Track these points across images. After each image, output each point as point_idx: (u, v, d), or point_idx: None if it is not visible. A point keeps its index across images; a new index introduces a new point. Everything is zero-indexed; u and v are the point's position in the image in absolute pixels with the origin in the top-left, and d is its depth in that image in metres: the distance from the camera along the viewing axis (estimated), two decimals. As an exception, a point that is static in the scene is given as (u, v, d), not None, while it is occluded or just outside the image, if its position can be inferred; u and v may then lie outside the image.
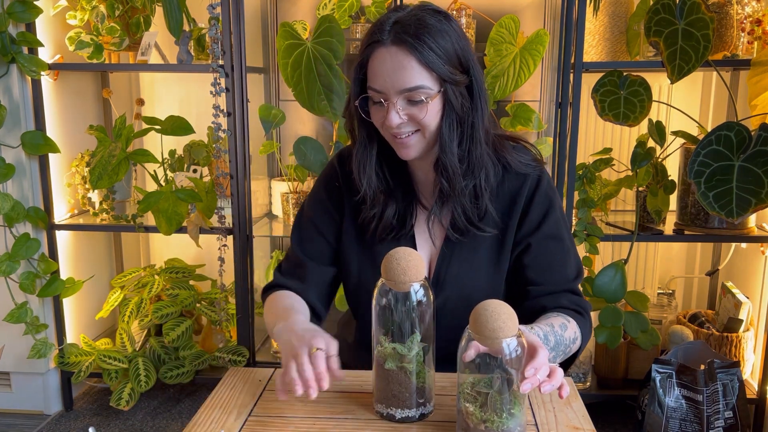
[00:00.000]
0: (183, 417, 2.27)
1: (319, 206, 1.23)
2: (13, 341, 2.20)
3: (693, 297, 2.61)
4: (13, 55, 2.01)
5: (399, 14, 1.04)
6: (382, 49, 1.02)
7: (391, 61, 1.01)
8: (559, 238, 1.15)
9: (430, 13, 1.04)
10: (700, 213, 2.04)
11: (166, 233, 2.09)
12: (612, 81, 1.92)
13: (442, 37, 1.02)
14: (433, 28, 1.02)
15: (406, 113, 1.04)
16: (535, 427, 0.95)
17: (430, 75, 1.02)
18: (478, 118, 1.07)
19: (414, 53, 1.00)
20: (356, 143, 1.13)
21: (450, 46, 1.03)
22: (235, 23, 2.03)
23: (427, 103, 1.03)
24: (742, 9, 1.99)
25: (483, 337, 0.82)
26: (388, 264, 0.92)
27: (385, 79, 1.02)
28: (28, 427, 2.21)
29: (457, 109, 1.05)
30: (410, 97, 1.03)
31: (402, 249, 0.93)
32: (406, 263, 0.91)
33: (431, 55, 1.01)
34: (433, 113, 1.04)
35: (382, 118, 1.05)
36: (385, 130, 1.08)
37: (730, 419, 1.90)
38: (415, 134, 1.06)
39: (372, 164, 1.13)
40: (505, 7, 2.45)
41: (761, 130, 1.66)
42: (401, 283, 0.91)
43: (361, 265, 1.19)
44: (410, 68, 1.01)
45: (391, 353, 0.92)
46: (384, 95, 1.04)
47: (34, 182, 2.14)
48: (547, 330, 1.02)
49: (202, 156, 2.28)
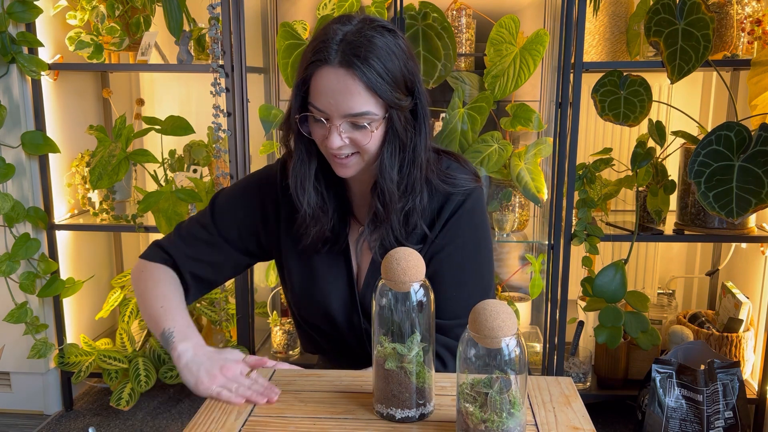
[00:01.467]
0: (183, 417, 2.27)
1: (246, 208, 1.20)
2: (13, 341, 2.20)
3: (693, 297, 2.62)
4: (13, 55, 2.01)
5: (346, 29, 0.98)
6: (329, 69, 0.97)
7: (337, 83, 0.97)
8: (461, 267, 1.12)
9: (378, 31, 0.99)
10: (700, 213, 2.04)
11: (166, 233, 2.09)
12: (612, 81, 1.92)
13: (390, 60, 0.98)
14: (381, 50, 0.97)
15: (348, 136, 1.01)
16: (535, 427, 0.95)
17: (376, 101, 0.99)
18: (420, 141, 1.05)
19: (362, 78, 0.96)
20: (294, 158, 1.09)
21: (397, 70, 0.99)
22: (235, 23, 2.03)
23: (370, 129, 1.00)
24: (742, 9, 1.99)
25: (482, 337, 0.82)
26: (388, 264, 0.92)
27: (330, 101, 0.98)
28: (28, 427, 2.21)
29: (400, 134, 1.03)
30: (354, 122, 1.00)
31: (402, 249, 0.93)
32: (406, 263, 0.91)
33: (379, 80, 0.97)
34: (375, 139, 1.02)
35: (323, 137, 1.02)
36: (324, 149, 1.05)
37: (730, 419, 1.90)
38: (354, 155, 1.04)
39: (311, 181, 1.09)
40: (505, 7, 2.45)
41: (761, 130, 1.66)
42: (401, 283, 0.91)
43: (301, 276, 1.18)
44: (357, 93, 0.97)
45: (391, 353, 0.93)
46: (327, 115, 1.00)
47: (34, 182, 2.14)
48: None
49: (202, 156, 2.28)
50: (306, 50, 1.02)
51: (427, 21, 2.07)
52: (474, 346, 0.85)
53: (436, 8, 2.09)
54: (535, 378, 1.10)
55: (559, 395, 1.05)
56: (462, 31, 2.27)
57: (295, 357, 2.40)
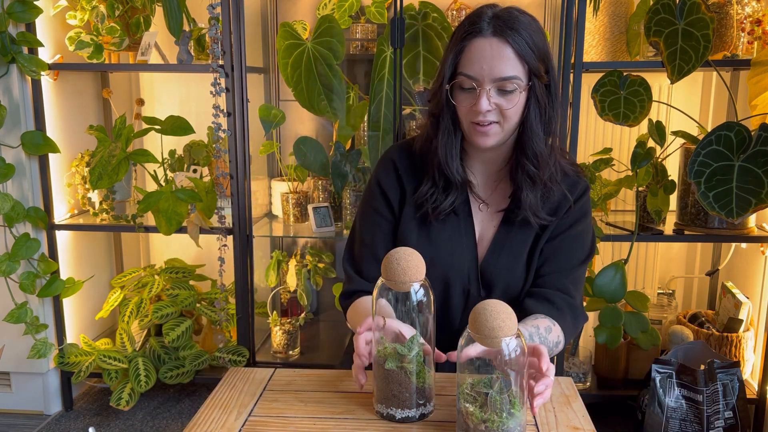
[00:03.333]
0: (183, 417, 2.27)
1: (376, 211, 1.27)
2: (13, 341, 2.20)
3: (693, 297, 2.61)
4: (13, 55, 2.01)
5: (495, 9, 1.11)
6: (482, 39, 1.09)
7: (490, 50, 1.08)
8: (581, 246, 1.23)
9: (522, 13, 1.12)
10: (700, 213, 2.04)
11: (166, 233, 2.09)
12: (612, 81, 1.92)
13: (535, 34, 1.10)
14: (528, 25, 1.10)
15: (495, 102, 1.10)
16: (535, 427, 0.95)
17: (523, 67, 1.09)
18: (554, 115, 1.15)
19: (513, 45, 1.08)
20: (440, 129, 1.18)
21: (540, 43, 1.11)
22: (235, 23, 2.03)
23: (518, 93, 1.09)
24: (742, 9, 1.99)
25: (482, 337, 0.82)
26: (389, 264, 0.92)
27: (483, 66, 1.08)
28: (28, 427, 2.21)
29: (540, 101, 1.12)
30: (502, 86, 1.09)
31: (402, 249, 0.93)
32: (407, 263, 0.91)
33: (526, 48, 1.08)
34: (519, 105, 1.11)
35: (470, 105, 1.11)
36: (468, 117, 1.13)
37: (730, 419, 1.90)
38: (494, 125, 1.12)
39: (458, 151, 1.19)
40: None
41: (761, 130, 1.66)
42: (401, 283, 0.91)
43: (419, 241, 1.23)
44: (507, 58, 1.08)
45: (391, 353, 0.92)
46: (477, 81, 1.09)
47: (34, 182, 2.14)
48: (532, 331, 1.08)
49: (202, 156, 2.28)
50: (458, 27, 1.14)
51: (427, 21, 2.07)
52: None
53: (436, 8, 2.09)
54: (535, 378, 1.10)
55: (559, 395, 1.05)
56: (462, 31, 2.27)
57: (295, 357, 2.40)
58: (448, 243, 1.22)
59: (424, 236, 1.23)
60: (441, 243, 1.22)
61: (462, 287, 1.22)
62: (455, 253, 1.22)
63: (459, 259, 1.22)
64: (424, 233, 1.23)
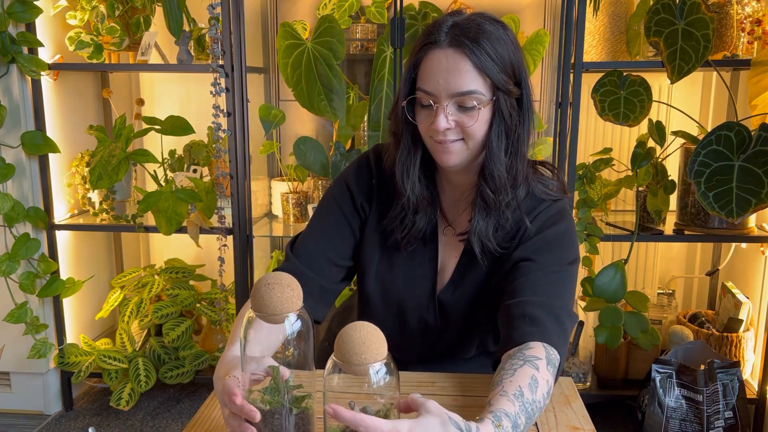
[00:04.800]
0: (183, 417, 2.26)
1: (338, 207, 1.18)
2: (13, 341, 2.20)
3: (693, 297, 2.61)
4: (13, 55, 2.01)
5: (456, 18, 1.02)
6: (438, 51, 1.00)
7: (446, 63, 0.99)
8: (554, 272, 1.08)
9: (488, 20, 1.02)
10: (700, 213, 2.04)
11: (166, 233, 2.09)
12: (612, 81, 1.92)
13: (499, 44, 1.00)
14: (491, 35, 1.00)
15: (455, 119, 1.01)
16: (535, 427, 0.95)
17: (484, 81, 1.00)
18: (524, 133, 1.05)
19: (471, 57, 0.98)
20: (399, 147, 1.10)
21: (506, 55, 1.01)
22: (235, 23, 2.03)
23: (478, 109, 1.00)
24: (742, 9, 1.99)
25: (347, 364, 0.75)
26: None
27: (439, 80, 1.00)
28: (28, 427, 2.21)
29: (506, 118, 1.03)
30: (461, 102, 1.00)
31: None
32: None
33: (488, 60, 0.99)
34: (482, 121, 1.02)
35: (429, 122, 1.03)
36: (429, 136, 1.05)
37: (730, 419, 1.90)
38: (458, 142, 1.04)
39: (416, 170, 1.10)
40: (505, 7, 2.45)
41: (761, 130, 1.66)
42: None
43: (378, 269, 1.18)
44: (465, 71, 0.99)
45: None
46: (434, 97, 1.01)
47: (34, 182, 2.14)
48: (517, 409, 0.86)
49: (202, 156, 2.28)
50: (417, 38, 1.05)
51: (427, 21, 2.07)
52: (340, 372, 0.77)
53: (436, 8, 2.09)
54: (535, 378, 1.10)
55: (559, 395, 1.05)
56: (462, 31, 2.27)
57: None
58: (409, 272, 1.16)
59: (386, 263, 1.17)
60: (401, 273, 1.16)
61: (419, 316, 1.18)
62: (414, 283, 1.16)
63: (417, 290, 1.16)
64: (385, 260, 1.17)
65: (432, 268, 1.16)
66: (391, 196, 1.15)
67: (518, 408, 0.86)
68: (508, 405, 0.85)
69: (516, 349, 0.96)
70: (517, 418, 0.85)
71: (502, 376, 0.92)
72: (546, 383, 0.93)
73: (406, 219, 1.13)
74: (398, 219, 1.13)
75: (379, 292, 1.19)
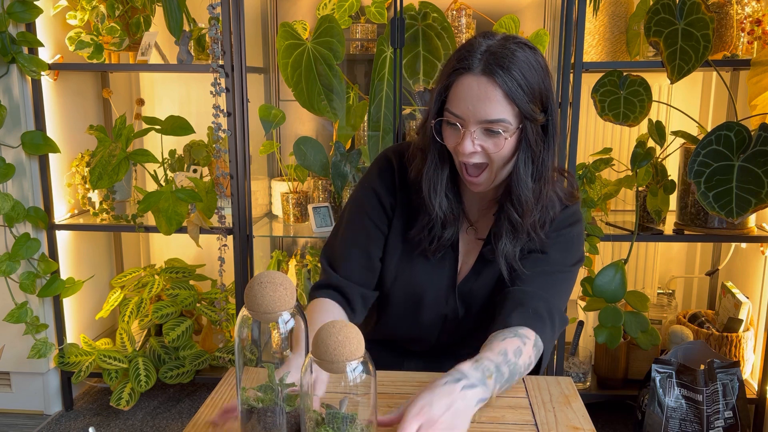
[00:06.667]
0: (183, 417, 2.27)
1: (368, 216, 1.20)
2: (13, 341, 2.20)
3: (693, 297, 2.61)
4: (13, 55, 2.01)
5: (490, 42, 1.03)
6: (470, 77, 1.01)
7: (477, 90, 1.00)
8: (559, 271, 1.16)
9: (520, 46, 1.03)
10: (700, 213, 2.04)
11: (166, 233, 2.09)
12: (612, 81, 1.92)
13: (530, 72, 1.01)
14: (523, 63, 1.01)
15: (480, 144, 1.03)
16: (535, 427, 0.95)
17: (513, 110, 1.01)
18: (549, 158, 1.07)
19: (503, 86, 0.99)
20: (426, 162, 1.12)
21: (536, 83, 1.02)
22: (235, 23, 2.03)
23: (503, 137, 1.02)
24: (742, 9, 1.99)
25: (326, 362, 0.75)
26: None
27: (468, 106, 1.01)
28: (28, 427, 2.21)
29: (532, 145, 1.05)
30: (488, 128, 1.02)
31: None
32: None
33: (518, 90, 1.00)
34: (507, 148, 1.04)
35: (456, 143, 1.05)
36: (455, 154, 1.08)
37: (730, 419, 1.90)
38: (484, 173, 1.07)
39: (443, 186, 1.12)
40: (505, 7, 2.45)
41: (761, 130, 1.66)
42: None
43: (399, 260, 1.20)
44: (495, 100, 1.00)
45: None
46: (462, 121, 1.03)
47: (34, 182, 2.14)
48: (500, 360, 0.97)
49: (202, 156, 2.28)
50: (450, 59, 1.06)
51: (427, 21, 2.07)
52: None
53: (436, 8, 2.09)
54: (535, 378, 1.10)
55: (559, 395, 1.05)
56: (462, 31, 2.27)
57: (295, 357, 2.39)
58: (430, 265, 1.19)
59: (407, 256, 1.19)
60: (420, 265, 1.19)
61: (437, 308, 1.20)
62: (434, 275, 1.19)
63: (437, 282, 1.19)
64: (406, 253, 1.19)
65: (453, 263, 1.19)
66: (415, 199, 1.17)
67: (501, 360, 0.98)
68: (491, 355, 0.98)
69: (509, 329, 1.05)
70: (501, 367, 0.97)
71: (491, 340, 1.03)
72: (529, 358, 1.03)
73: (433, 231, 1.15)
74: (426, 230, 1.15)
75: (400, 284, 1.21)
